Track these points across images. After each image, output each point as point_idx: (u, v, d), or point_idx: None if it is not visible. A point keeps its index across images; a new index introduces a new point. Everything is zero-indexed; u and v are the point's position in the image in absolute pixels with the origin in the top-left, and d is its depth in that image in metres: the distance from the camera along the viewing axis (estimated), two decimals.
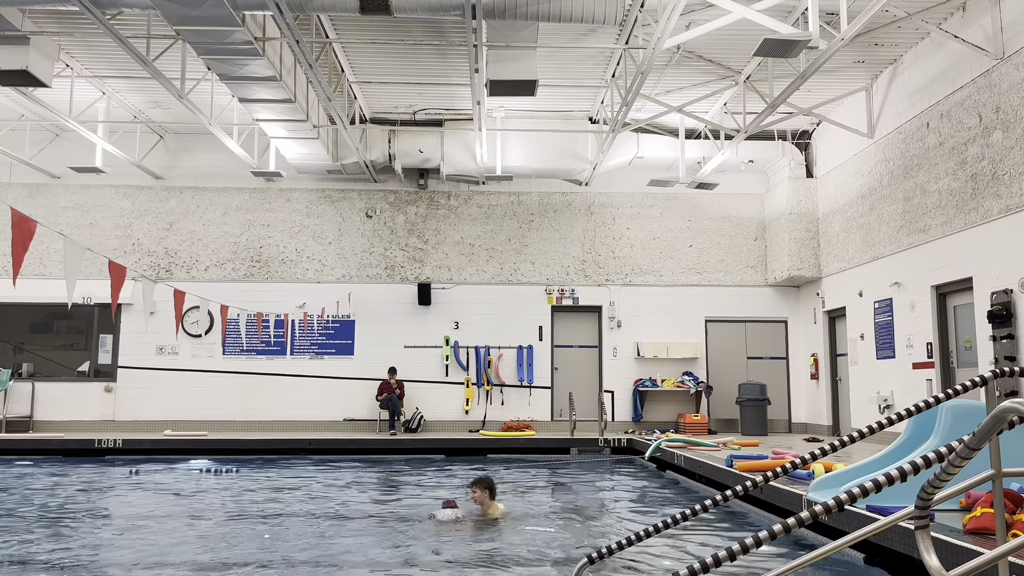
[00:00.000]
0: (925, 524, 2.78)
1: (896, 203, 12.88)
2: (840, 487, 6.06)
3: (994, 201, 10.35)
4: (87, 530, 7.74)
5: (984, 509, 4.77)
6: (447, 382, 16.73)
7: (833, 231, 15.34)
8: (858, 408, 14.26)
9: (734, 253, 17.25)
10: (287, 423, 16.22)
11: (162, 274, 16.60)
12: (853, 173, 14.47)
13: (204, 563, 6.16)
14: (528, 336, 16.93)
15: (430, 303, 16.82)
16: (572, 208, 17.31)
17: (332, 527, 7.73)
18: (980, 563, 2.90)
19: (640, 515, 8.40)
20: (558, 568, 5.86)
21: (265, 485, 10.64)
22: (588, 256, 17.20)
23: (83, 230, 16.60)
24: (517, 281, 17.07)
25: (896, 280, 12.86)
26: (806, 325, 16.78)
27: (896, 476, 2.99)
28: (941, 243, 11.59)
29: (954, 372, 11.63)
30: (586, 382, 16.93)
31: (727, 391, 16.55)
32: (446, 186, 17.18)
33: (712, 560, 3.00)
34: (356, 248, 17.06)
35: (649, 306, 17.01)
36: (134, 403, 16.29)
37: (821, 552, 3.25)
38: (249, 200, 17.09)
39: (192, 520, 8.08)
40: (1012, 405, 2.22)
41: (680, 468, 10.98)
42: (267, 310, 16.09)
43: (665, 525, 3.86)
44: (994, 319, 10.12)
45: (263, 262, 16.94)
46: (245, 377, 16.55)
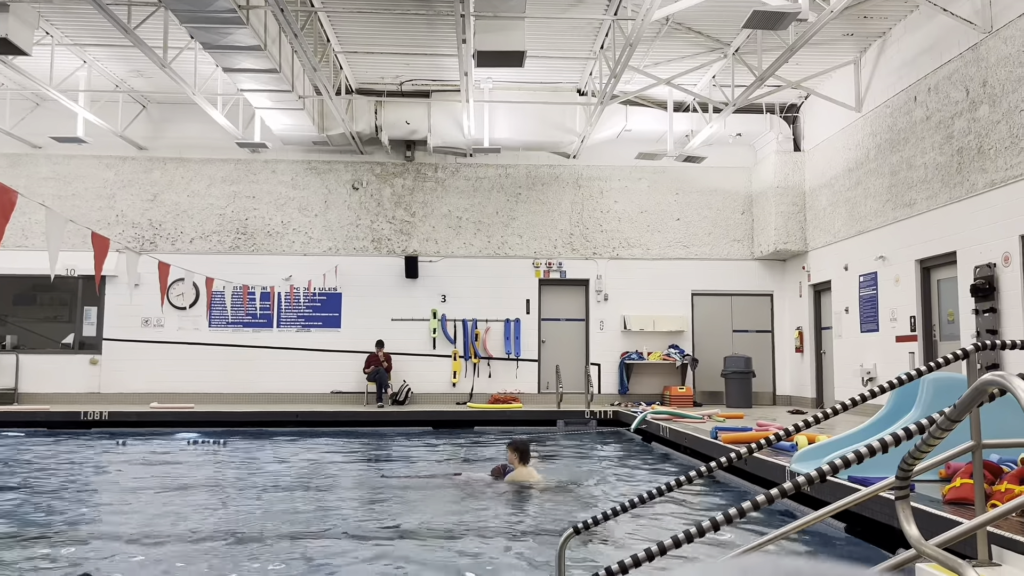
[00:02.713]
0: (905, 495, 2.82)
1: (882, 177, 12.91)
2: (823, 459, 6.14)
3: (979, 175, 10.39)
4: (76, 501, 7.74)
5: (963, 480, 4.85)
6: (434, 355, 16.76)
7: (820, 205, 15.38)
8: (842, 381, 14.40)
9: (721, 226, 17.28)
10: (274, 395, 16.22)
11: (146, 246, 16.47)
12: (840, 147, 14.49)
13: (194, 533, 6.18)
14: (515, 309, 16.95)
15: (417, 276, 16.78)
16: (560, 181, 17.26)
17: (318, 495, 7.77)
18: (959, 532, 2.95)
19: (625, 486, 8.49)
20: (544, 538, 5.92)
21: (252, 457, 10.66)
22: (576, 229, 17.18)
23: (65, 201, 16.42)
24: (504, 254, 17.05)
25: (881, 254, 12.94)
26: (791, 299, 16.88)
27: (878, 448, 3.02)
28: (926, 217, 11.65)
29: (936, 345, 11.75)
30: (573, 355, 17.00)
31: (713, 364, 16.67)
32: (433, 158, 17.08)
33: (696, 530, 3.03)
34: (342, 220, 16.97)
35: (636, 279, 17.05)
36: (120, 375, 16.23)
37: (803, 522, 3.29)
38: (234, 171, 16.93)
39: (180, 491, 8.10)
40: (993, 378, 2.25)
41: (665, 440, 11.09)
42: (253, 282, 16.01)
43: (650, 496, 3.90)
44: (977, 293, 10.21)
45: (249, 234, 16.83)
46: (231, 350, 16.51)
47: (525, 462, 7.82)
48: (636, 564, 3.08)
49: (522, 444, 7.94)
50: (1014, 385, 2.14)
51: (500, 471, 7.98)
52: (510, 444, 8.02)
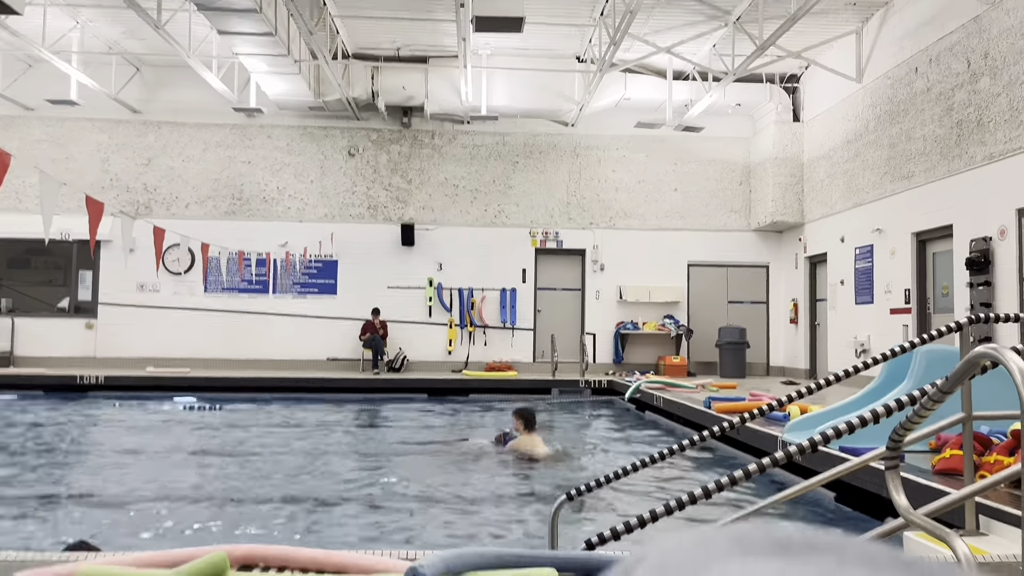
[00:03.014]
0: (895, 465, 2.86)
1: (881, 149, 12.87)
2: (815, 429, 6.19)
3: (978, 148, 10.36)
4: (74, 464, 7.79)
5: (953, 451, 4.90)
6: (430, 323, 16.79)
7: (817, 177, 15.34)
8: (835, 352, 14.48)
9: (719, 197, 17.24)
10: (270, 361, 16.26)
11: (141, 210, 16.39)
12: (840, 118, 14.41)
13: (191, 496, 6.23)
14: (511, 278, 16.96)
15: (413, 244, 16.75)
16: (558, 150, 17.17)
17: (314, 460, 7.83)
18: (947, 502, 2.99)
19: (619, 454, 8.57)
20: (537, 504, 5.98)
21: (249, 422, 10.72)
22: (573, 199, 17.13)
23: (59, 164, 16.29)
24: (501, 223, 17.01)
25: (878, 227, 12.94)
26: (787, 270, 16.91)
27: (869, 418, 3.05)
28: (924, 190, 11.63)
29: (930, 318, 11.80)
30: (568, 324, 17.04)
31: (707, 335, 16.73)
32: (430, 125, 16.96)
33: (688, 498, 3.07)
34: (338, 187, 16.89)
35: (633, 250, 17.04)
36: (115, 340, 16.24)
37: (795, 490, 3.33)
38: (229, 136, 16.80)
39: (177, 455, 8.15)
40: (986, 350, 2.26)
41: (659, 409, 11.17)
42: (248, 248, 15.97)
43: (643, 464, 3.94)
44: (972, 266, 10.23)
45: (244, 200, 16.75)
46: (227, 315, 16.52)
47: (531, 429, 7.81)
48: (628, 530, 3.11)
49: (528, 411, 7.93)
50: (1007, 358, 2.16)
51: (502, 438, 8.02)
52: (516, 411, 8.01)
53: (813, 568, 0.23)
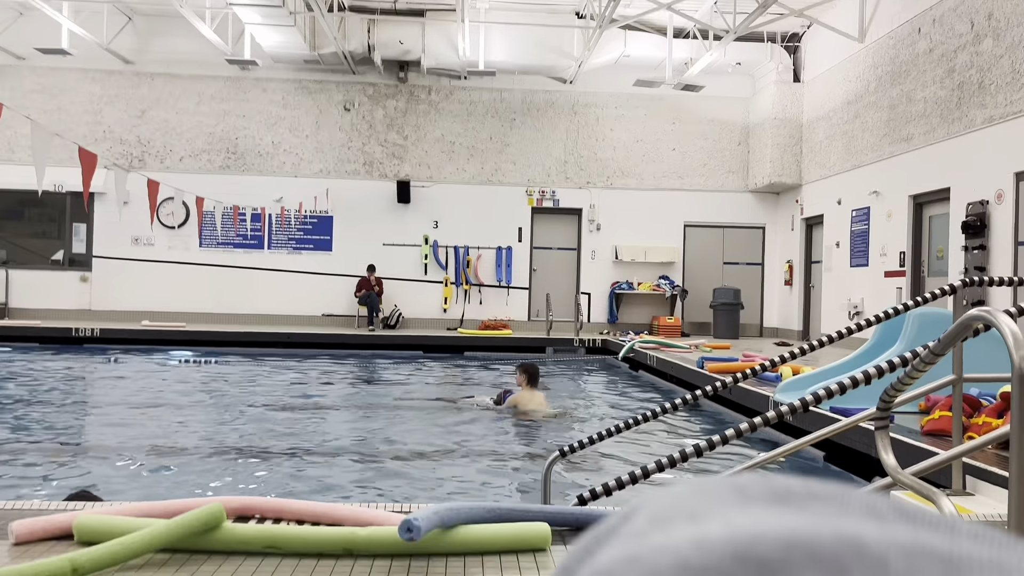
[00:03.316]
0: (885, 425, 2.89)
1: (881, 111, 12.78)
2: (806, 389, 6.25)
3: (978, 111, 10.29)
4: (72, 416, 7.84)
5: (942, 412, 4.95)
6: (426, 280, 16.79)
7: (816, 138, 15.25)
8: (829, 314, 14.55)
9: (716, 158, 17.14)
10: (265, 316, 16.28)
11: (135, 163, 16.24)
12: (841, 79, 14.28)
13: (189, 449, 6.29)
14: (507, 237, 16.92)
15: (409, 201, 16.66)
16: (555, 107, 17.00)
17: (310, 415, 7.89)
18: (934, 462, 3.03)
19: (611, 412, 8.65)
20: (530, 460, 6.05)
21: (245, 376, 10.77)
22: (570, 157, 17.02)
23: (51, 115, 16.08)
24: (498, 181, 16.91)
25: (875, 189, 12.90)
26: (783, 232, 16.90)
27: (860, 379, 3.08)
28: (922, 152, 11.58)
29: (924, 281, 11.84)
30: (563, 284, 17.06)
31: (702, 295, 16.77)
32: (427, 80, 16.75)
33: (680, 455, 3.10)
34: (334, 142, 16.74)
35: (629, 210, 16.98)
36: (110, 293, 16.23)
37: (785, 449, 3.37)
38: (224, 89, 16.59)
39: (174, 408, 8.20)
40: (978, 313, 2.28)
41: (652, 368, 11.24)
42: (243, 203, 15.88)
43: (636, 422, 3.98)
44: (968, 229, 10.23)
45: (239, 154, 16.60)
46: (222, 270, 16.49)
47: (533, 385, 7.82)
48: (620, 486, 3.16)
49: (531, 367, 7.94)
50: (999, 321, 2.17)
51: (501, 398, 8.04)
52: (520, 365, 8.08)
53: (815, 517, 0.23)
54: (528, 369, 7.86)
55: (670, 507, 0.26)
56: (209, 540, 2.50)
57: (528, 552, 2.57)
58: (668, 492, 0.26)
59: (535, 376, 7.87)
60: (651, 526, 0.25)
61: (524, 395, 7.77)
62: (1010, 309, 2.93)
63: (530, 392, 7.77)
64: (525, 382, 7.78)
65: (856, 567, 0.21)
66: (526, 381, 7.77)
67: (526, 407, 7.67)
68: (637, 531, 0.25)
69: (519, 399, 7.77)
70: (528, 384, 7.77)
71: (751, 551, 0.22)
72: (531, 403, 7.71)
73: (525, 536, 2.60)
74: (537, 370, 7.98)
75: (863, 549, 0.21)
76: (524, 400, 7.73)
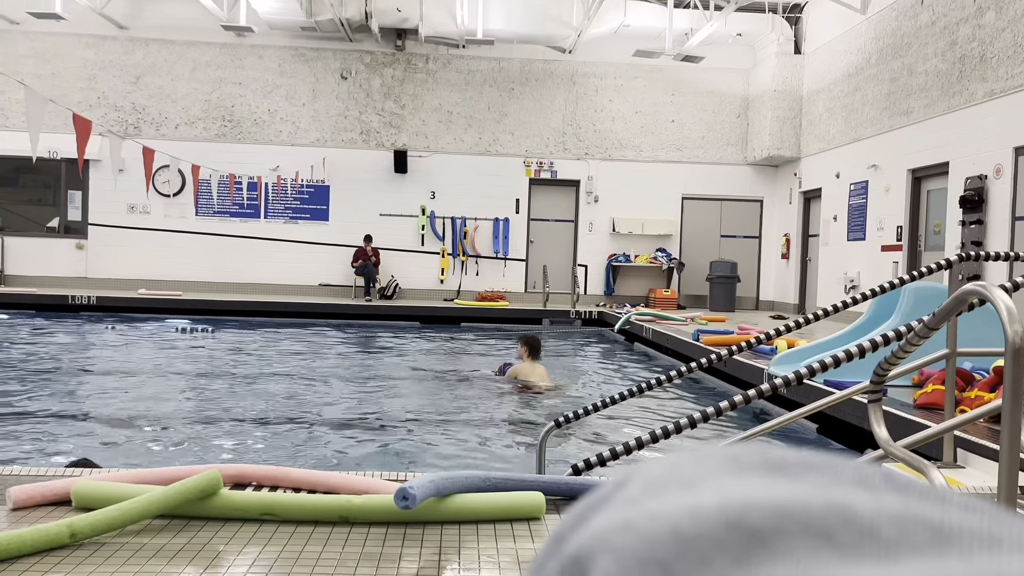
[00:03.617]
0: (878, 398, 2.91)
1: (882, 83, 12.70)
2: (801, 362, 6.28)
3: (979, 85, 10.23)
4: (70, 383, 7.86)
5: (935, 386, 4.98)
6: (423, 251, 16.77)
7: (816, 111, 15.17)
8: (825, 288, 14.57)
9: (715, 130, 17.06)
10: (261, 286, 16.27)
11: (130, 130, 16.11)
12: (842, 51, 14.17)
13: (188, 417, 6.32)
14: (505, 208, 16.87)
15: (406, 171, 16.58)
16: (554, 77, 16.86)
17: (308, 384, 7.92)
18: (926, 435, 3.05)
19: (607, 384, 8.69)
20: (526, 431, 6.09)
21: (242, 345, 10.79)
22: (568, 128, 16.92)
23: (45, 80, 15.91)
24: (495, 152, 16.82)
25: (874, 163, 12.87)
26: (781, 205, 16.87)
27: (855, 353, 3.09)
28: (922, 126, 11.53)
29: (921, 255, 11.85)
30: (561, 256, 17.05)
31: (699, 268, 16.78)
32: (424, 48, 16.59)
33: (674, 427, 3.13)
34: (330, 111, 16.61)
35: (627, 182, 16.92)
36: (106, 261, 16.19)
37: (779, 421, 3.40)
38: (219, 56, 16.41)
39: (172, 377, 8.23)
40: (974, 287, 2.28)
41: (648, 341, 11.28)
42: (240, 172, 15.79)
43: (631, 393, 4.00)
44: (965, 204, 10.22)
45: (235, 122, 16.48)
46: (218, 239, 16.44)
47: (535, 357, 7.74)
48: (614, 457, 3.18)
49: (533, 339, 7.87)
50: (994, 295, 2.18)
51: (502, 369, 7.98)
52: (522, 337, 8.02)
53: (807, 486, 0.23)
54: (530, 341, 7.77)
55: (664, 475, 0.26)
56: (206, 507, 2.52)
57: (523, 521, 2.60)
58: (662, 460, 0.27)
59: (537, 348, 7.77)
60: (645, 493, 0.25)
61: (526, 367, 7.69)
62: (1005, 284, 2.93)
63: (531, 364, 7.69)
64: (527, 354, 7.69)
65: (847, 535, 0.21)
66: (528, 353, 7.69)
67: (527, 379, 7.62)
68: (631, 498, 0.25)
69: (520, 370, 7.71)
70: (530, 356, 7.69)
71: (744, 519, 0.22)
72: (532, 375, 7.64)
73: (520, 505, 2.62)
74: (539, 342, 7.88)
75: (854, 518, 0.22)
76: (526, 372, 7.68)
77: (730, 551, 0.21)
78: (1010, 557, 0.19)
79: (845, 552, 0.21)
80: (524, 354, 7.72)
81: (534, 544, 2.42)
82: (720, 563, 0.21)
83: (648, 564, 0.22)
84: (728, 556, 0.21)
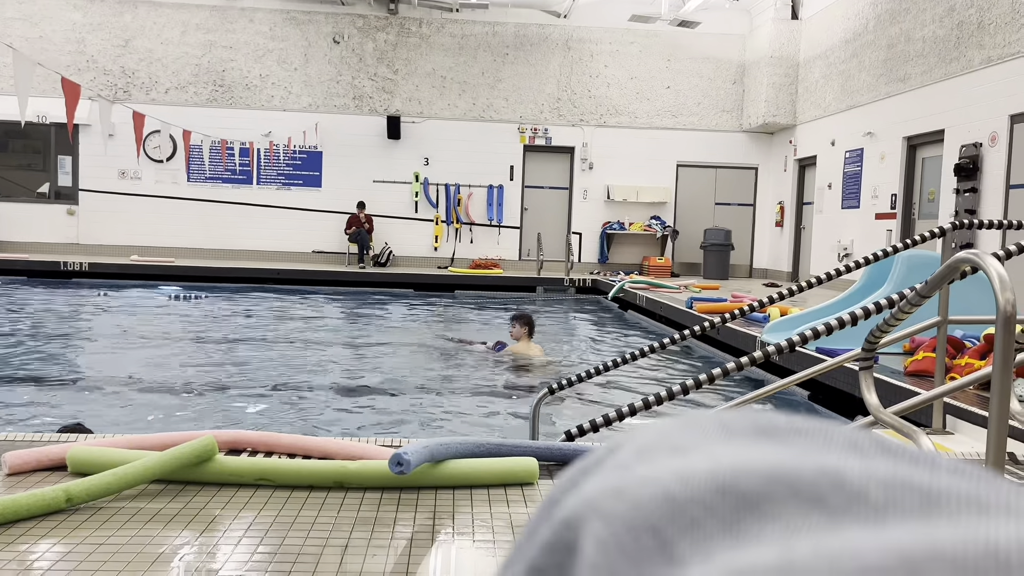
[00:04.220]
0: (869, 365, 2.93)
1: (879, 50, 12.60)
2: (793, 330, 6.31)
3: (976, 51, 10.17)
4: (64, 349, 7.86)
5: (926, 353, 5.02)
6: (416, 218, 16.71)
7: (812, 77, 15.06)
8: (818, 256, 14.60)
9: (711, 96, 16.94)
10: (254, 252, 16.22)
11: (120, 95, 15.92)
12: (840, 16, 14.03)
13: (182, 383, 6.33)
14: (499, 175, 16.79)
15: (400, 137, 16.46)
16: (549, 42, 16.68)
17: (302, 351, 7.93)
18: (916, 402, 3.08)
19: (600, 351, 8.72)
20: (519, 398, 6.12)
21: (236, 312, 10.78)
22: (563, 94, 16.78)
23: (33, 43, 15.67)
24: (489, 118, 16.69)
25: (869, 130, 12.82)
26: (776, 173, 16.83)
27: (847, 320, 3.11)
28: (918, 93, 11.47)
29: (915, 223, 11.87)
30: (555, 223, 17.01)
31: (693, 236, 16.77)
32: (418, 12, 16.37)
33: (667, 393, 3.15)
34: (323, 76, 16.43)
35: (622, 148, 16.84)
36: (98, 227, 16.09)
37: (771, 388, 3.42)
38: (209, 19, 16.17)
39: (166, 343, 8.23)
40: (966, 255, 2.29)
41: (642, 308, 11.31)
42: (231, 137, 15.65)
43: (624, 360, 4.02)
44: (960, 172, 10.22)
45: (226, 87, 16.29)
46: (211, 205, 16.35)
47: (531, 335, 7.38)
48: (607, 423, 3.21)
49: (529, 318, 7.46)
50: (986, 263, 2.18)
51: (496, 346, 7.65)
52: (517, 316, 7.51)
53: (797, 451, 0.23)
54: (526, 320, 7.38)
55: (656, 441, 0.26)
56: (202, 472, 2.54)
57: (516, 486, 2.62)
58: (654, 427, 0.27)
59: (532, 327, 7.40)
60: (636, 459, 0.25)
61: (522, 346, 7.35)
62: (997, 252, 2.94)
63: (527, 344, 7.35)
64: (525, 334, 7.33)
65: (836, 499, 0.21)
66: (525, 333, 7.33)
67: (524, 356, 7.28)
68: (622, 463, 0.25)
69: (516, 350, 7.35)
70: (527, 336, 7.35)
71: (734, 484, 0.22)
72: (529, 353, 7.32)
73: (513, 470, 2.64)
74: (534, 321, 7.52)
75: (843, 482, 0.22)
76: (522, 350, 7.32)
77: (720, 515, 0.21)
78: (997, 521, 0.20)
79: (834, 516, 0.21)
80: (521, 334, 7.35)
81: (527, 509, 2.45)
82: (710, 527, 0.21)
83: (639, 529, 0.22)
84: (718, 520, 0.21)
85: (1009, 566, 0.18)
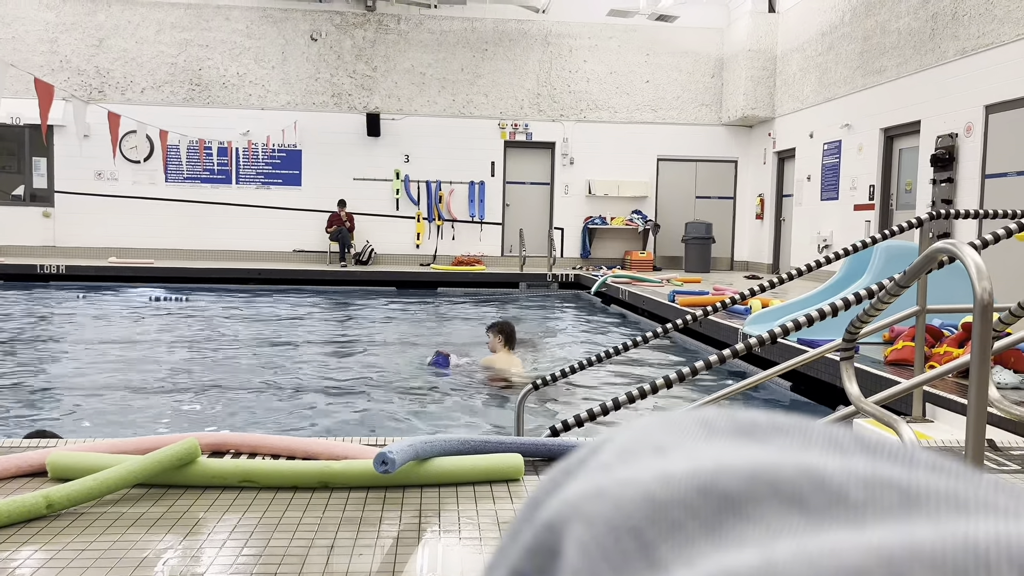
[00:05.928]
0: (850, 356, 2.95)
1: (855, 42, 12.70)
2: (775, 321, 6.35)
3: (951, 43, 10.27)
4: (42, 354, 7.76)
5: (905, 342, 5.07)
6: (398, 216, 16.65)
7: (790, 70, 15.16)
8: (798, 248, 14.71)
9: (690, 90, 17.00)
10: (234, 253, 16.10)
11: (95, 95, 15.74)
12: (816, 9, 14.12)
13: (156, 386, 6.27)
14: (480, 172, 16.77)
15: (379, 134, 16.39)
16: (528, 37, 16.67)
17: (281, 352, 7.89)
18: (896, 391, 3.11)
19: (584, 346, 8.75)
20: (504, 393, 6.12)
21: (215, 313, 10.70)
22: (543, 90, 16.78)
23: (4, 44, 15.47)
24: (469, 114, 16.66)
25: (847, 122, 12.92)
26: (755, 166, 16.92)
27: (827, 312, 3.13)
28: (894, 85, 11.58)
29: (893, 214, 11.98)
30: (537, 219, 17.02)
31: (674, 230, 16.84)
32: (395, 8, 16.29)
33: (650, 387, 3.16)
34: (301, 73, 16.32)
35: (602, 143, 16.87)
36: (75, 229, 15.91)
37: (754, 380, 3.44)
38: (185, 17, 16.01)
39: (142, 346, 8.15)
40: (944, 245, 2.31)
41: (624, 303, 11.34)
42: (209, 136, 15.49)
43: (608, 355, 4.02)
44: (936, 162, 10.32)
45: (203, 86, 16.14)
46: (189, 205, 16.21)
47: (511, 347, 6.54)
48: (591, 418, 3.21)
49: (508, 326, 6.64)
50: (963, 253, 2.21)
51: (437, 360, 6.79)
52: (494, 326, 6.68)
53: (778, 450, 0.23)
54: (504, 329, 6.55)
55: (637, 441, 0.26)
56: (185, 475, 2.52)
57: (502, 482, 2.62)
58: (635, 426, 0.27)
59: (512, 336, 6.57)
60: (618, 459, 0.25)
61: (500, 358, 6.48)
62: (974, 241, 2.97)
63: (507, 355, 6.50)
64: (501, 344, 6.50)
65: (817, 499, 0.21)
66: (502, 343, 6.50)
67: (502, 372, 6.42)
68: (604, 464, 0.25)
69: (495, 361, 6.50)
70: (505, 346, 6.50)
71: (715, 484, 0.22)
72: (508, 366, 6.46)
73: (499, 467, 2.64)
74: (514, 330, 6.69)
75: (824, 481, 0.22)
76: (501, 362, 6.47)
77: (702, 516, 0.21)
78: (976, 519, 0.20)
79: (815, 516, 0.21)
80: (498, 344, 6.50)
81: (513, 505, 2.45)
82: (692, 529, 0.21)
83: (620, 531, 0.22)
84: (699, 522, 0.21)
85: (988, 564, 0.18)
